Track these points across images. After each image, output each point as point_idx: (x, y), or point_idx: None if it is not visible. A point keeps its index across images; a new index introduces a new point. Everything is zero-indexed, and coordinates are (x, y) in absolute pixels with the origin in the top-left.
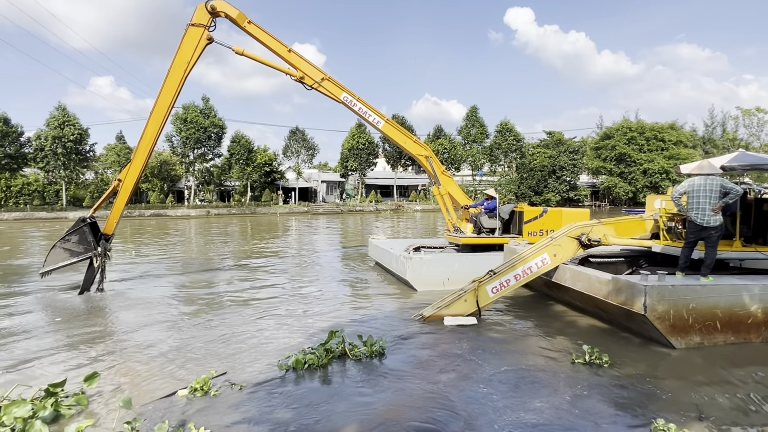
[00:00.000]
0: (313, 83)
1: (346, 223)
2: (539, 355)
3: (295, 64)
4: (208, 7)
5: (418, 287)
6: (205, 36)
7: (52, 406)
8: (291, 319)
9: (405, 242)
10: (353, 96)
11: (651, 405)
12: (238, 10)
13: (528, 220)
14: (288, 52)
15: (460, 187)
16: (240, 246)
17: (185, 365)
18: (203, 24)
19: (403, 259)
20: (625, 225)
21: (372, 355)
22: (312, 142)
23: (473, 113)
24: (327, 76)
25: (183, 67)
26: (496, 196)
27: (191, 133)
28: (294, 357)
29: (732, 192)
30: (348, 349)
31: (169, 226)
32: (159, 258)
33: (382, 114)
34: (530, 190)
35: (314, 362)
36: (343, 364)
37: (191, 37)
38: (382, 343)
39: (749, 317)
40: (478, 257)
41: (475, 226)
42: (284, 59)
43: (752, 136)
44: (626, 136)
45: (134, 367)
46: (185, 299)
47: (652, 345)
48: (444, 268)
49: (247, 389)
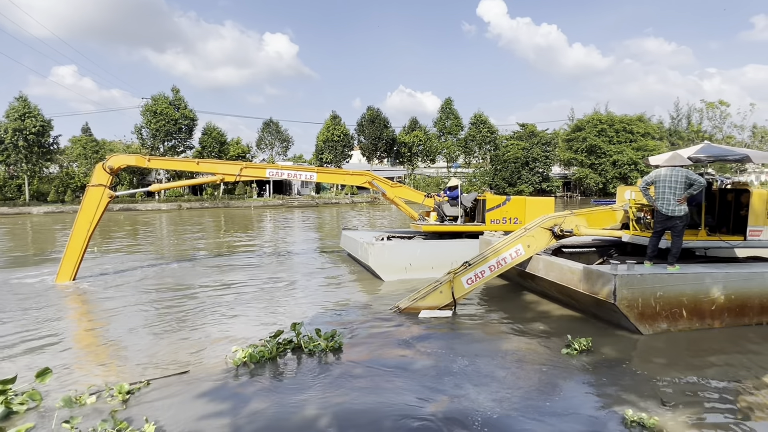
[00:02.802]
0: (234, 177)
1: (322, 215)
2: (514, 345)
3: (209, 171)
4: (106, 168)
5: (381, 273)
6: (107, 194)
7: (2, 403)
8: (257, 312)
9: (377, 233)
10: (277, 167)
11: (621, 393)
12: (135, 156)
13: (491, 207)
14: (197, 164)
15: (409, 188)
16: (211, 240)
17: (141, 360)
18: (103, 184)
19: (366, 246)
20: (596, 216)
21: (327, 350)
22: (286, 134)
23: (448, 105)
24: (244, 165)
25: (86, 226)
26: (459, 185)
27: (161, 126)
28: (243, 351)
29: (696, 183)
30: (304, 343)
31: (138, 220)
32: (123, 253)
33: (311, 167)
34: (504, 181)
35: (264, 356)
36: (297, 359)
37: (92, 197)
38: (338, 338)
39: (713, 304)
40: (441, 244)
41: (438, 214)
42: (198, 172)
43: (715, 129)
44: (596, 128)
45: (88, 363)
46: (148, 295)
47: (620, 332)
48: (406, 254)
49: (194, 384)
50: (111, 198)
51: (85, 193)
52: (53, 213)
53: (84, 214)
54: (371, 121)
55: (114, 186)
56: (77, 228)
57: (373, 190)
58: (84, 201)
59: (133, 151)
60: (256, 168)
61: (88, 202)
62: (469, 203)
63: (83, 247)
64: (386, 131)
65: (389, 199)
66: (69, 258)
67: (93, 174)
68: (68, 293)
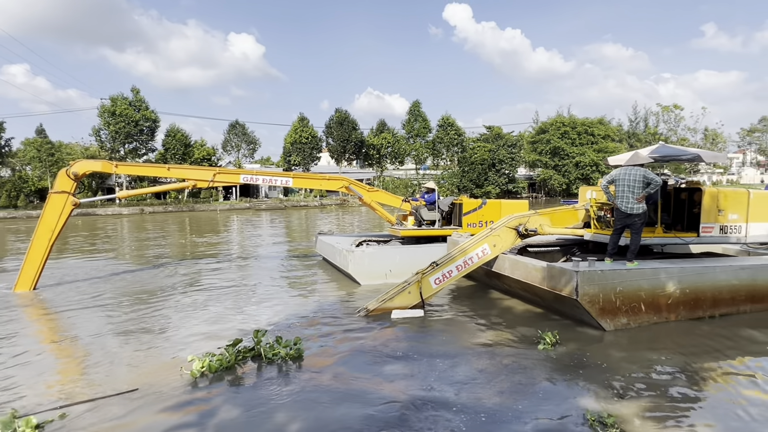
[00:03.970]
0: (207, 183)
1: (290, 218)
2: (482, 345)
3: (180, 177)
4: (70, 174)
5: (360, 280)
6: (70, 201)
7: None
8: (219, 319)
9: (353, 237)
10: (252, 173)
11: (584, 390)
12: (101, 161)
13: (467, 211)
14: (168, 170)
15: (386, 192)
16: (175, 245)
17: (90, 376)
18: (67, 191)
19: (346, 252)
20: (559, 215)
21: (287, 358)
22: (253, 136)
23: (416, 108)
24: (218, 170)
25: (47, 235)
26: (436, 189)
27: (121, 127)
28: (199, 361)
29: (653, 182)
30: (264, 351)
31: (97, 225)
32: (83, 260)
33: (287, 173)
34: (471, 183)
35: (223, 365)
36: (257, 367)
37: (55, 205)
38: (299, 345)
39: (669, 298)
40: (419, 249)
41: (415, 218)
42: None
43: (670, 131)
44: (560, 130)
45: (30, 379)
46: (105, 303)
47: (582, 328)
48: (386, 260)
49: (145, 402)
50: (75, 205)
51: (47, 200)
52: (5, 219)
53: (45, 222)
54: (339, 123)
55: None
56: (38, 236)
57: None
58: (45, 208)
59: (91, 154)
60: (230, 173)
61: (50, 209)
62: (447, 207)
63: (44, 256)
64: (355, 133)
65: (366, 203)
66: (28, 267)
67: (56, 180)
68: (26, 302)
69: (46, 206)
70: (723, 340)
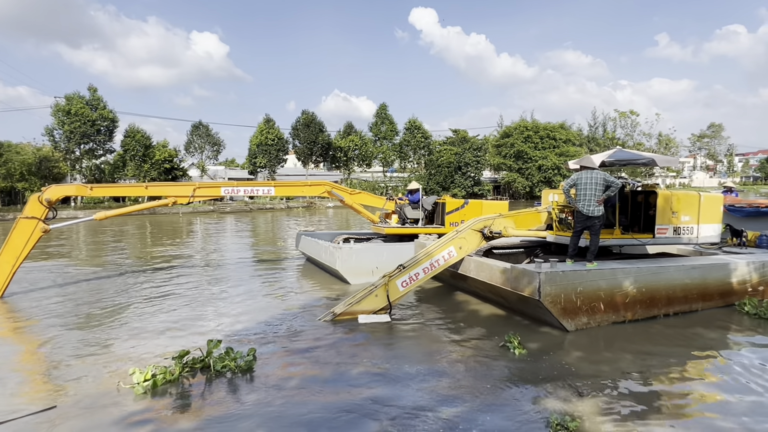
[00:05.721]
0: (188, 199)
1: (257, 221)
2: (448, 347)
3: (159, 194)
4: (42, 200)
5: (348, 277)
6: (40, 228)
7: None
8: (175, 328)
9: (335, 233)
10: (233, 185)
11: (546, 392)
12: (75, 185)
13: (450, 211)
14: (147, 188)
15: (369, 194)
16: (135, 250)
17: (13, 389)
18: (37, 217)
19: (333, 249)
20: (523, 217)
21: (236, 371)
22: (217, 138)
23: (383, 110)
24: (197, 185)
25: (11, 261)
26: (419, 188)
27: (76, 127)
28: (140, 373)
29: (613, 185)
30: (214, 362)
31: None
32: (38, 267)
33: (269, 182)
34: (438, 185)
35: (167, 378)
36: (206, 380)
37: (23, 230)
38: (250, 357)
39: (626, 297)
40: (405, 246)
41: (399, 216)
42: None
43: (627, 136)
44: (523, 134)
45: None
46: (54, 312)
47: (545, 328)
48: (373, 257)
49: (65, 421)
50: (45, 232)
51: (15, 224)
52: None
53: (11, 247)
54: (306, 125)
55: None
56: (1, 259)
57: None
58: (13, 233)
59: (44, 155)
60: (210, 187)
61: (18, 234)
62: (430, 206)
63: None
64: (322, 136)
65: (348, 205)
66: None
67: (27, 205)
68: None
69: (13, 230)
70: (676, 339)
